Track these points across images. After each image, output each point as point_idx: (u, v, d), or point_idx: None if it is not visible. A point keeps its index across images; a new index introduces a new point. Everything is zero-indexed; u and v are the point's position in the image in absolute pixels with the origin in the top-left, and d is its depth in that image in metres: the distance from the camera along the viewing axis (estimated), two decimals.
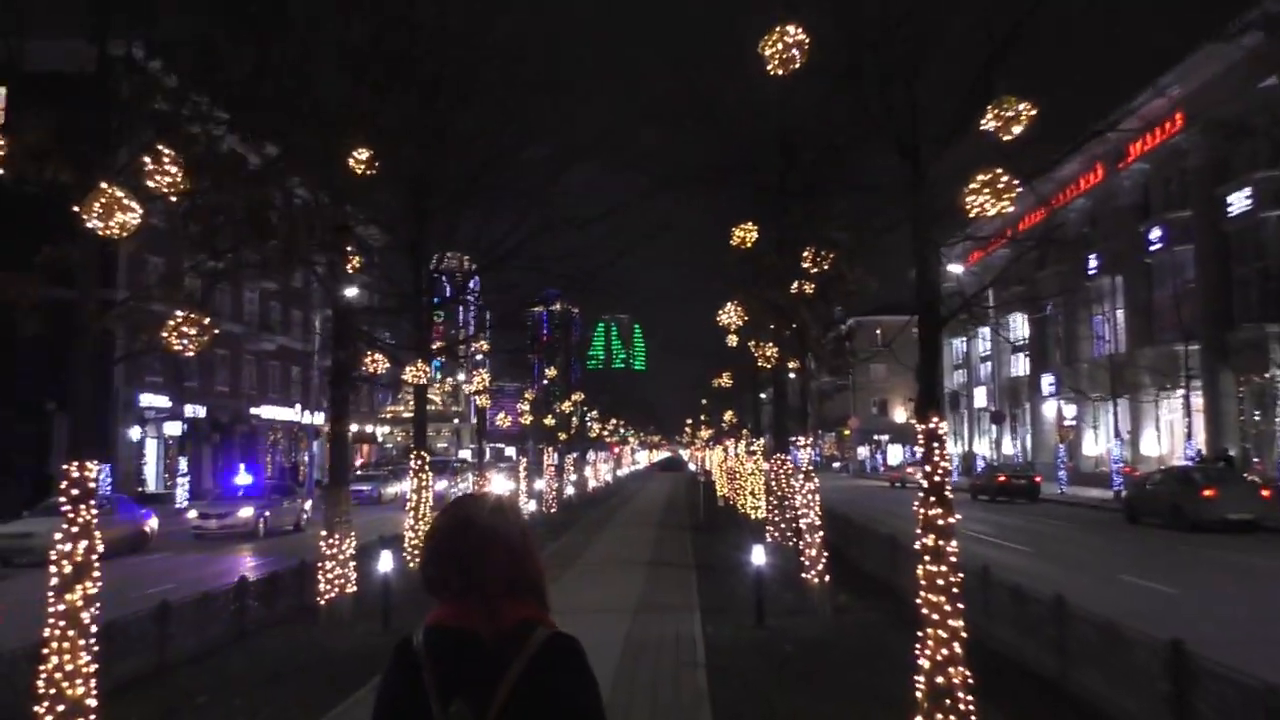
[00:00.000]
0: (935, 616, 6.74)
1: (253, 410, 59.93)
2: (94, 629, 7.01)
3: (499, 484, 30.88)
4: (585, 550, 21.06)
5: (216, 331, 7.17)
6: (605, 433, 56.05)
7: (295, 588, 14.02)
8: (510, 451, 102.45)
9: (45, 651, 6.80)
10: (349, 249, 12.45)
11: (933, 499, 6.87)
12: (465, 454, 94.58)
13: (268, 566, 19.04)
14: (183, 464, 44.43)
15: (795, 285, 12.72)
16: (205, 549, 26.21)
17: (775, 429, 17.70)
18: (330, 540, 12.64)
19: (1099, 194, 48.26)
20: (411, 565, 16.74)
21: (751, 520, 23.13)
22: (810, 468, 12.91)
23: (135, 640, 10.66)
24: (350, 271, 13.00)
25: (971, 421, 70.62)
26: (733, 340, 25.88)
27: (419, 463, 16.90)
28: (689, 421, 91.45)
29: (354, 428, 78.41)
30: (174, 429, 50.75)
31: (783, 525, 16.85)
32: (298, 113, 9.58)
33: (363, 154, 10.78)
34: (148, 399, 48.19)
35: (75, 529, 6.92)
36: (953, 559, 6.82)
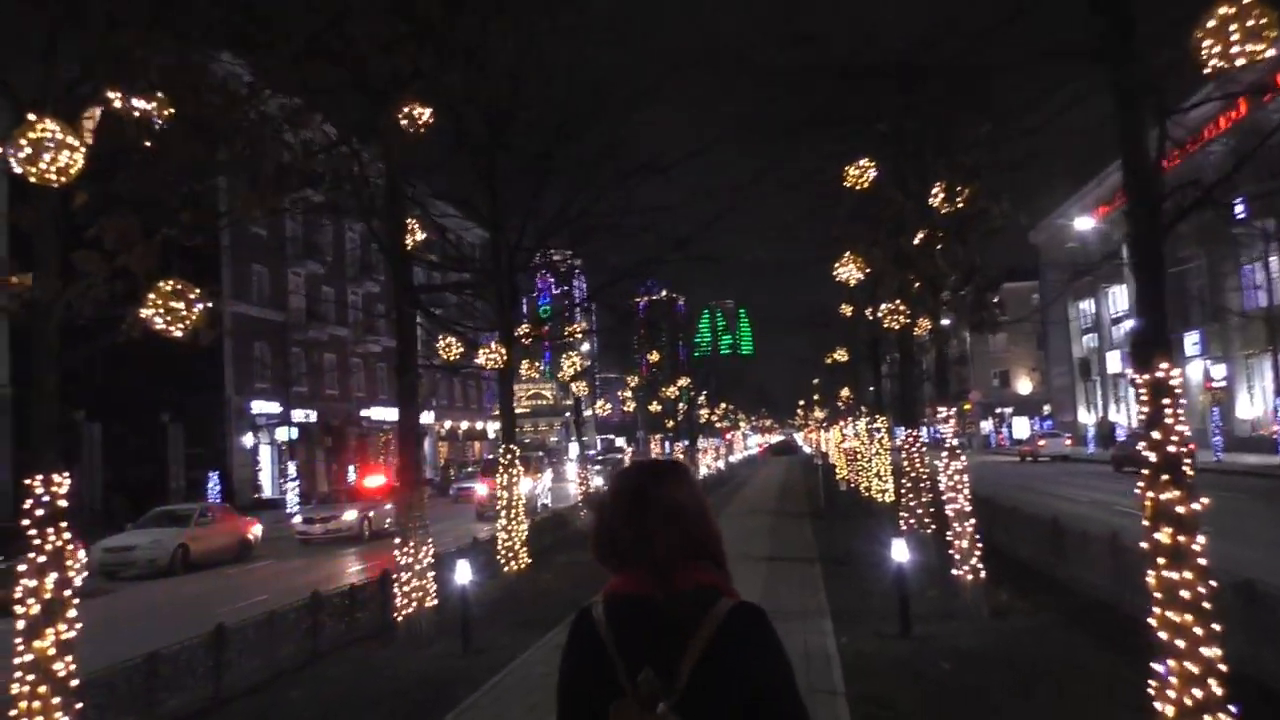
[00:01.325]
0: (1180, 643, 4.74)
1: (363, 412, 60.31)
2: (74, 683, 5.58)
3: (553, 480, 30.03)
4: None
5: (211, 304, 5.61)
6: (714, 418, 54.16)
7: (378, 600, 12.72)
8: (620, 442, 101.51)
9: (13, 713, 5.40)
10: (409, 217, 10.98)
11: (1165, 478, 4.87)
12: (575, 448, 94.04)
13: (368, 573, 18.14)
14: (291, 469, 44.42)
15: (924, 229, 10.71)
16: (309, 555, 25.57)
17: (903, 402, 15.55)
18: (405, 549, 11.21)
19: (1247, 129, 43.81)
20: (506, 569, 15.31)
21: (878, 505, 20.96)
22: (955, 444, 10.83)
23: (185, 672, 9.41)
24: (412, 244, 11.53)
25: (1105, 388, 66.07)
26: (847, 310, 23.68)
27: (508, 457, 15.41)
28: (801, 403, 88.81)
29: (464, 424, 78.93)
30: (286, 434, 51.23)
31: (918, 511, 14.73)
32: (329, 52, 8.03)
33: (418, 112, 9.24)
34: (259, 405, 48.63)
35: (43, 558, 5.49)
36: (1200, 562, 4.80)
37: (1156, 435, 5.04)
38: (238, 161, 6.19)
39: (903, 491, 15.08)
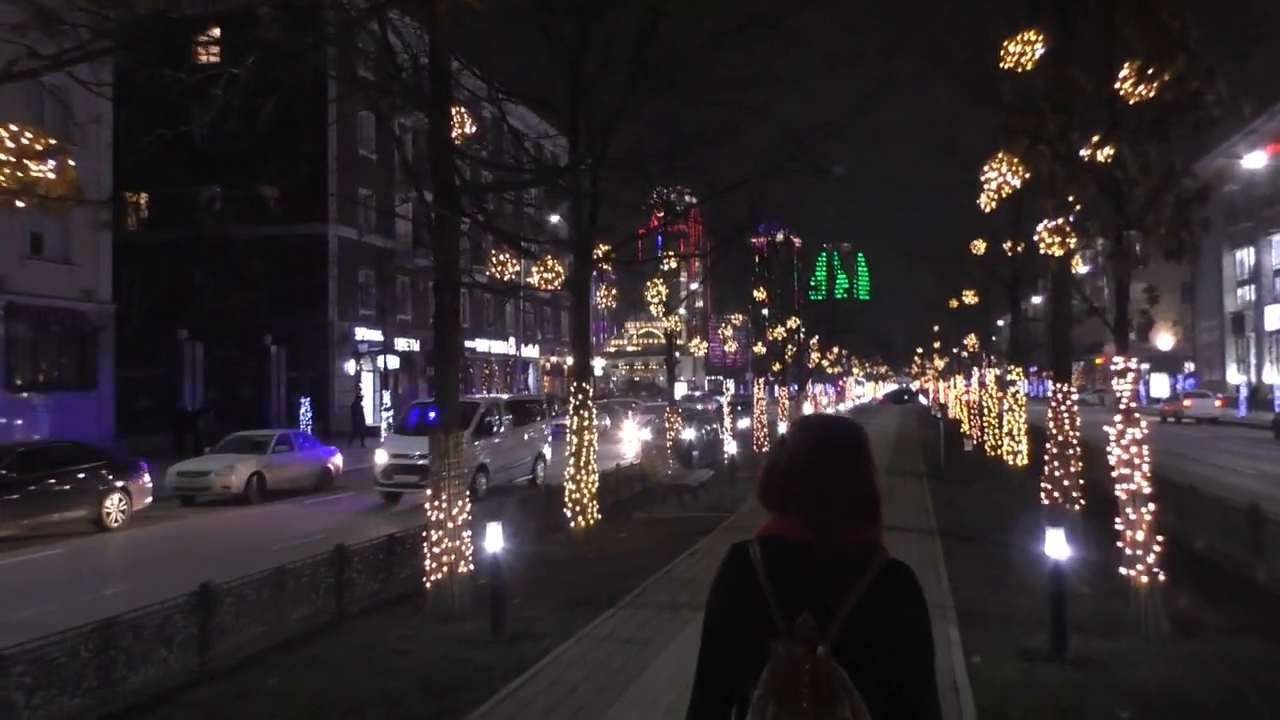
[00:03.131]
0: None
1: (466, 344, 59.75)
2: None
3: (631, 430, 28.22)
4: None
5: (72, 163, 3.63)
6: (826, 363, 51.25)
7: (418, 555, 11.02)
8: (729, 384, 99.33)
9: None
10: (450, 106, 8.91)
11: None
12: (681, 388, 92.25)
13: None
14: (385, 398, 43.83)
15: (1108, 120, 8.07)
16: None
17: (1055, 349, 12.84)
18: (437, 502, 9.35)
19: None
20: (572, 524, 13.42)
21: (1009, 469, 18.23)
22: (1134, 405, 8.24)
23: (156, 641, 7.79)
24: (460, 136, 9.47)
25: (1261, 347, 60.16)
26: (979, 246, 20.76)
27: (579, 397, 13.42)
28: (919, 350, 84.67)
29: (569, 360, 78.11)
30: (390, 362, 50.88)
31: (1065, 484, 12.12)
32: None
33: None
34: (363, 332, 48.19)
35: None
36: None
37: None
38: None
39: (1046, 458, 12.46)
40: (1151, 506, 8.11)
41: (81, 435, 32.91)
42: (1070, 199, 8.63)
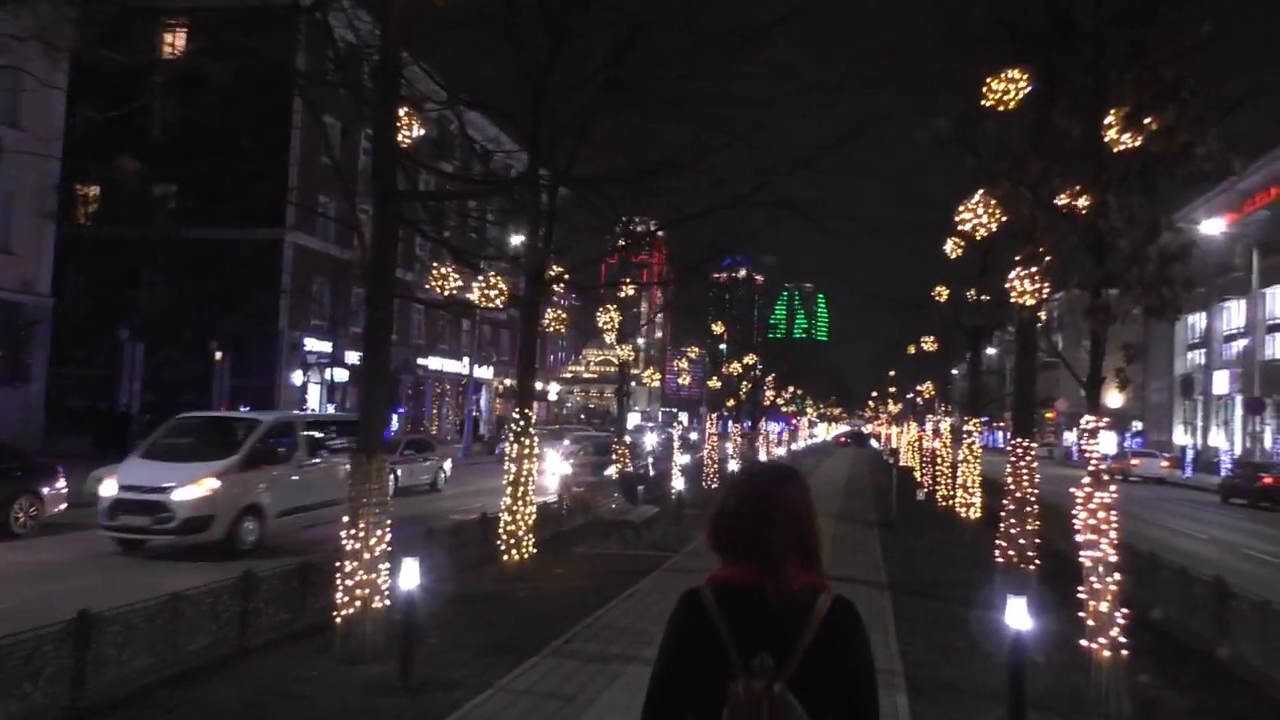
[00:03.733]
0: None
1: (420, 361, 58.65)
2: None
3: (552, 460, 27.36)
4: None
5: None
6: (780, 401, 50.91)
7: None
8: (683, 417, 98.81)
9: None
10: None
11: None
12: (635, 418, 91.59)
13: (394, 531, 15.77)
14: (331, 411, 42.69)
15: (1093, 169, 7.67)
16: None
17: (1018, 401, 12.42)
18: (354, 531, 8.59)
19: None
20: (505, 558, 12.69)
21: (962, 521, 17.80)
22: (1104, 465, 7.75)
23: (22, 673, 6.94)
24: (406, 139, 8.83)
25: (1209, 410, 60.99)
26: (942, 292, 20.45)
27: (521, 423, 12.72)
28: (874, 394, 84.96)
29: (511, 382, 77.23)
30: (340, 374, 49.71)
31: (1021, 541, 11.64)
32: None
33: None
34: (312, 343, 46.99)
35: None
36: None
37: None
38: None
39: (1002, 514, 11.98)
40: (1117, 576, 7.61)
41: (6, 432, 31.53)
42: (1048, 247, 8.20)
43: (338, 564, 8.78)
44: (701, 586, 2.24)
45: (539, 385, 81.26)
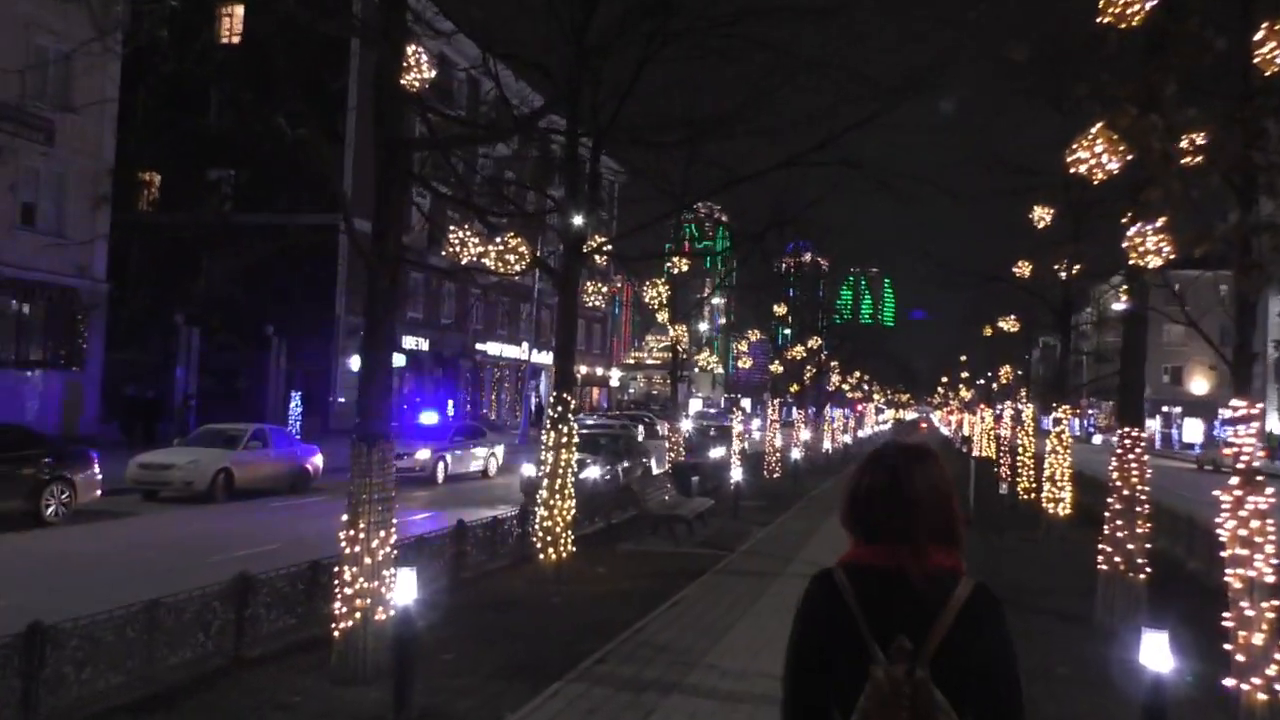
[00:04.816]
0: None
1: (478, 345, 58.05)
2: None
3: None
4: (801, 551, 14.69)
5: None
6: (847, 387, 49.07)
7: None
8: (746, 403, 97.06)
9: None
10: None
11: None
12: (696, 404, 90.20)
13: (431, 522, 15.14)
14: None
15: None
16: None
17: (1125, 383, 10.79)
18: (354, 531, 7.44)
19: None
20: (541, 557, 11.50)
21: (1050, 518, 16.12)
22: (1257, 466, 6.22)
23: None
24: (415, 82, 7.63)
25: None
26: (1024, 268, 18.63)
27: (559, 409, 11.48)
28: (944, 379, 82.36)
29: (582, 369, 76.17)
30: (396, 360, 49.26)
31: (1130, 548, 10.05)
32: None
33: None
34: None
35: None
36: None
37: None
38: None
39: (1107, 515, 10.40)
40: (1276, 602, 6.09)
41: (63, 419, 31.42)
42: (1176, 193, 6.65)
43: (336, 569, 7.64)
44: (834, 568, 2.18)
45: (600, 370, 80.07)
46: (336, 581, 7.58)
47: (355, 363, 47.38)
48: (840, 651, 2.05)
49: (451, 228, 8.10)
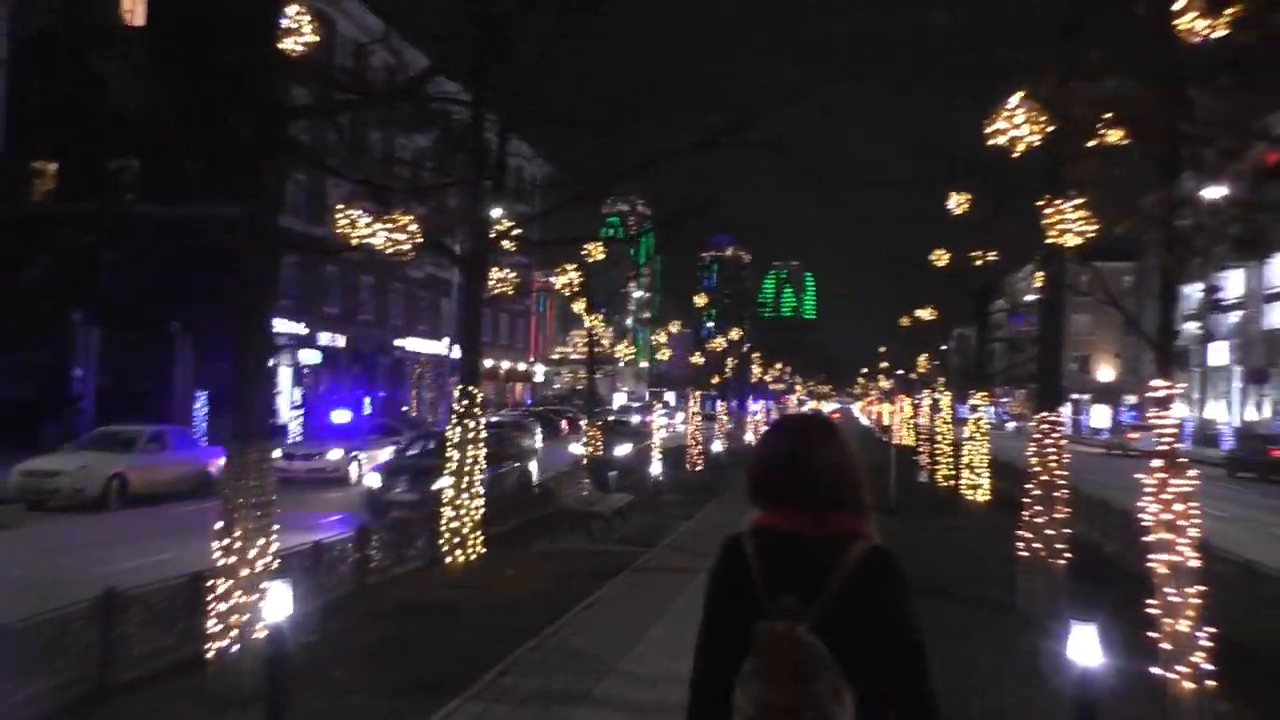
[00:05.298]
0: None
1: (397, 341, 56.66)
2: None
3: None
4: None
5: None
6: (768, 379, 49.18)
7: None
8: (669, 396, 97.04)
9: None
10: None
11: None
12: (620, 398, 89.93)
13: (342, 524, 14.29)
14: (296, 395, 40.83)
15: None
16: (282, 497, 21.53)
17: (1043, 367, 10.66)
18: (229, 539, 6.79)
19: None
20: (449, 560, 10.91)
21: (969, 505, 16.09)
22: (1178, 447, 5.99)
23: None
24: (292, 45, 6.98)
25: (1205, 382, 59.57)
26: (940, 257, 18.63)
27: (464, 403, 10.90)
28: (864, 370, 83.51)
29: (505, 364, 75.14)
30: (309, 357, 47.81)
31: (1049, 534, 9.92)
32: None
33: None
34: (283, 324, 44.84)
35: None
36: None
37: None
38: None
39: (1025, 501, 10.26)
40: (1199, 589, 5.88)
41: None
42: (1091, 179, 6.41)
43: (208, 583, 6.97)
44: (742, 533, 2.26)
45: (521, 365, 78.95)
46: (211, 596, 6.91)
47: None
48: (741, 610, 2.12)
49: (340, 206, 7.44)
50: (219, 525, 6.94)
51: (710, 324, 33.86)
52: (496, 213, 11.24)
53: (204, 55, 6.52)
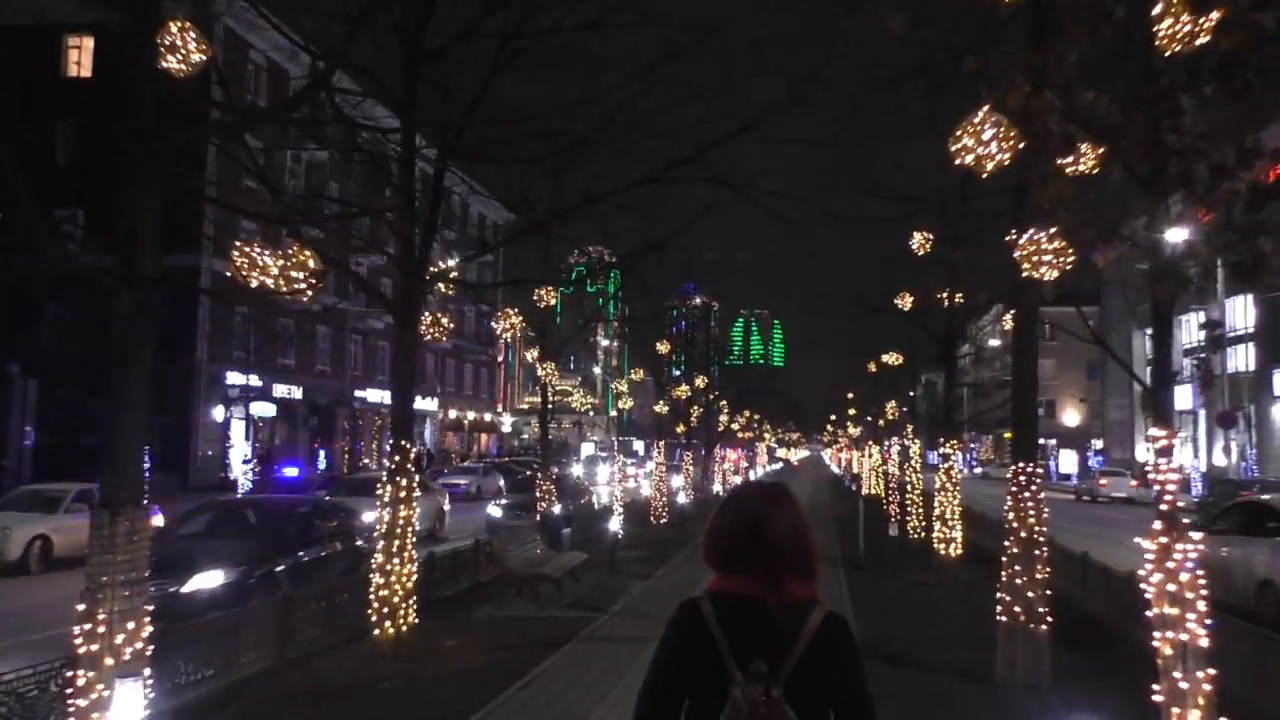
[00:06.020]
0: None
1: (357, 393, 55.43)
2: None
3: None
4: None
5: None
6: (736, 427, 48.37)
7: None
8: (638, 446, 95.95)
9: None
10: None
11: None
12: (589, 448, 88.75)
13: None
14: (245, 449, 39.55)
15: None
16: None
17: (1019, 413, 9.95)
18: (90, 625, 5.82)
19: None
20: (376, 632, 9.90)
21: (943, 559, 15.29)
22: (1178, 505, 5.23)
23: None
24: (180, 62, 6.19)
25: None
26: (905, 300, 18.01)
27: (397, 459, 9.98)
28: (832, 417, 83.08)
29: (471, 414, 73.84)
30: (264, 409, 46.55)
31: (1030, 596, 9.13)
32: None
33: None
34: (236, 376, 43.56)
35: None
36: None
37: None
38: None
39: (1004, 560, 9.47)
40: (1212, 671, 5.08)
41: None
42: (1059, 201, 5.73)
43: (70, 673, 5.99)
44: (700, 596, 2.31)
45: (488, 416, 77.55)
46: (70, 690, 5.92)
47: (219, 413, 44.54)
48: (702, 674, 2.21)
49: (240, 241, 6.59)
50: (80, 607, 5.97)
51: (677, 372, 33.14)
52: (451, 261, 10.46)
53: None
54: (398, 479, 10.02)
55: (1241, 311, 49.28)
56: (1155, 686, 5.20)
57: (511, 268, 23.02)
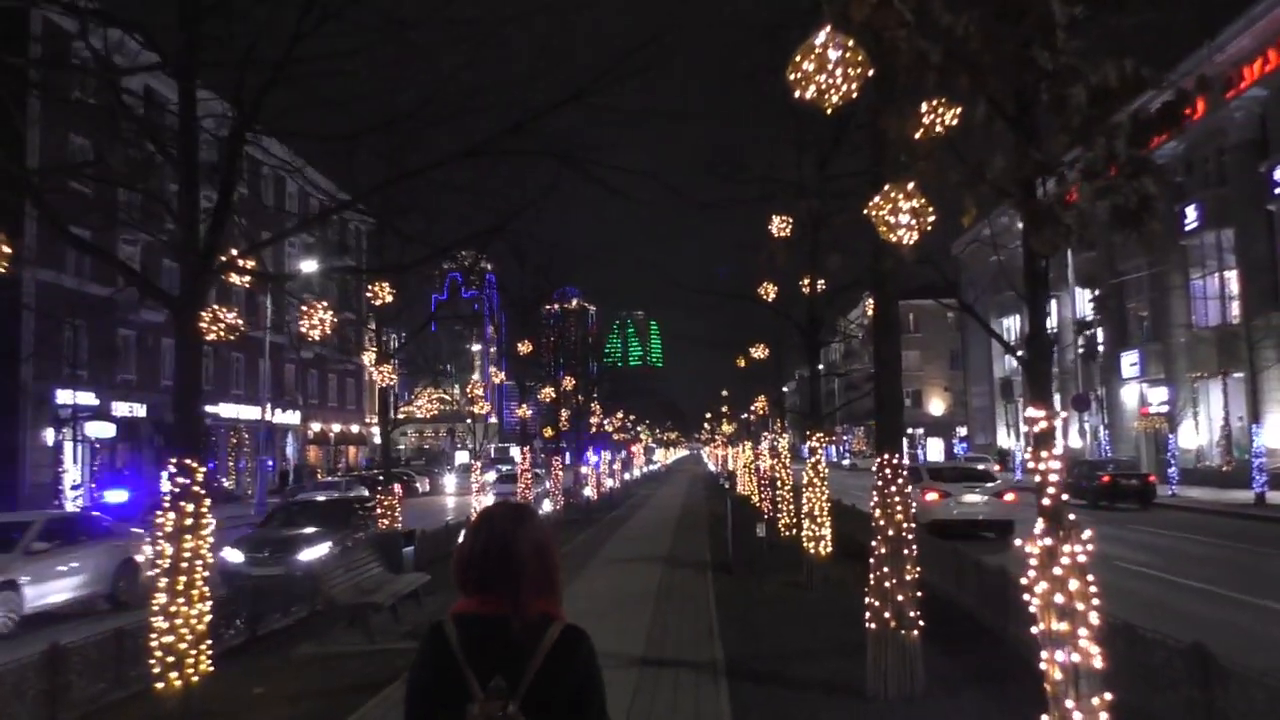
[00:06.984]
0: None
1: (209, 408, 52.02)
2: None
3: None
4: None
5: None
6: (609, 428, 47.36)
7: None
8: (515, 451, 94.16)
9: None
10: None
11: None
12: (463, 456, 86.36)
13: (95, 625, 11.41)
14: (75, 472, 36.37)
15: None
16: None
17: (881, 401, 9.16)
18: None
19: (1200, 131, 39.45)
20: (160, 684, 8.37)
21: (812, 558, 14.54)
22: (1064, 498, 4.39)
23: None
24: None
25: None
26: (769, 290, 17.35)
27: (180, 483, 8.47)
28: (708, 416, 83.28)
29: (337, 427, 70.65)
30: (101, 430, 43.04)
31: (900, 599, 8.34)
32: None
33: None
34: (69, 395, 40.00)
35: None
36: None
37: None
38: None
39: (871, 560, 8.66)
40: (1109, 697, 4.23)
41: None
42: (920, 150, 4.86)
43: None
44: (444, 619, 2.33)
45: (355, 428, 74.44)
46: None
47: (49, 436, 40.85)
48: (446, 694, 2.22)
49: None
50: None
51: (553, 374, 31.93)
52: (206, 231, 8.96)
53: None
54: (182, 504, 8.50)
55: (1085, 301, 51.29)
56: (1045, 718, 4.32)
57: (374, 262, 21.35)
